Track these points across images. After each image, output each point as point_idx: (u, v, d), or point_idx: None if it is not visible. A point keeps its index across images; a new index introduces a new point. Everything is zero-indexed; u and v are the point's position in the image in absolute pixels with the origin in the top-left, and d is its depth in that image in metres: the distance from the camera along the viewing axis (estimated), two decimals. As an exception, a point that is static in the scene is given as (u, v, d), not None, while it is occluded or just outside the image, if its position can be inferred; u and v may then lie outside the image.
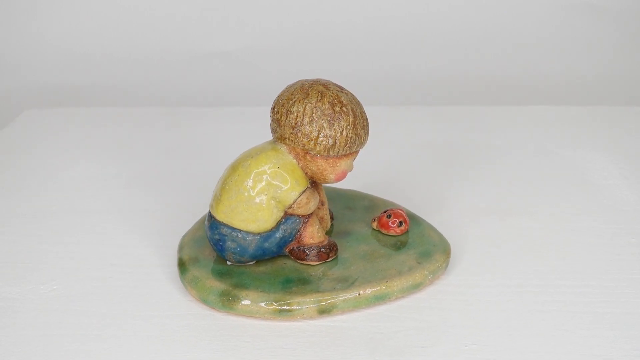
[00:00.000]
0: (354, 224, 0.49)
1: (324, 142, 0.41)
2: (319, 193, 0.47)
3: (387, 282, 0.43)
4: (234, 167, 0.43)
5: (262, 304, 0.41)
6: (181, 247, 0.47)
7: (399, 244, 0.47)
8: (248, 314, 0.42)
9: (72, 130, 0.73)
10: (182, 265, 0.45)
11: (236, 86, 0.86)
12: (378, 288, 0.43)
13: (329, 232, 0.48)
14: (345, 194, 0.53)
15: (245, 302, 0.42)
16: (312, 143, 0.42)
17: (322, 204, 0.47)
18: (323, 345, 0.40)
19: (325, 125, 0.41)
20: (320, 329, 0.41)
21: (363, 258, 0.45)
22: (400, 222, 0.47)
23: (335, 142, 0.42)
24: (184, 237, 0.48)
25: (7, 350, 0.39)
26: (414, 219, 0.49)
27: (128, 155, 0.66)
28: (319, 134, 0.41)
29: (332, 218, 0.49)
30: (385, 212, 0.48)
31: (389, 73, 0.91)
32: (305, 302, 0.41)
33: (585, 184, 0.58)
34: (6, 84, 0.89)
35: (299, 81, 0.44)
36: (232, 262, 0.45)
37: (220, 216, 0.43)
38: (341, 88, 0.43)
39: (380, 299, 0.43)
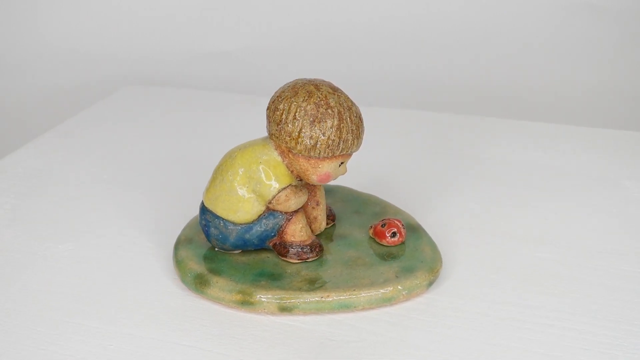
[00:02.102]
0: (354, 228, 0.49)
1: (304, 142, 0.42)
2: (315, 193, 0.47)
3: (354, 291, 0.42)
4: (224, 157, 0.45)
5: (228, 293, 0.42)
6: (185, 227, 0.49)
7: (388, 255, 0.45)
8: (216, 299, 0.43)
9: (160, 108, 0.78)
10: (176, 245, 0.47)
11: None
12: (344, 295, 0.42)
13: (325, 233, 0.48)
14: (360, 198, 0.53)
15: (214, 288, 0.43)
16: (293, 142, 0.42)
17: (317, 204, 0.47)
18: (272, 342, 0.40)
19: (306, 125, 0.41)
20: (278, 325, 0.41)
21: (345, 263, 0.45)
22: (394, 233, 0.46)
23: (316, 143, 0.41)
24: (193, 218, 0.51)
25: (5, 297, 0.44)
26: (416, 231, 0.48)
27: (187, 136, 0.70)
28: (300, 133, 0.41)
29: (333, 219, 0.49)
30: (382, 220, 0.47)
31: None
32: (267, 297, 0.42)
33: (626, 220, 0.53)
34: (115, 62, 0.96)
35: (296, 79, 0.44)
36: (218, 248, 0.46)
37: (207, 202, 0.45)
38: (335, 90, 0.43)
39: (345, 306, 0.42)
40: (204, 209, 0.45)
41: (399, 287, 0.43)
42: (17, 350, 0.39)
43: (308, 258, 0.45)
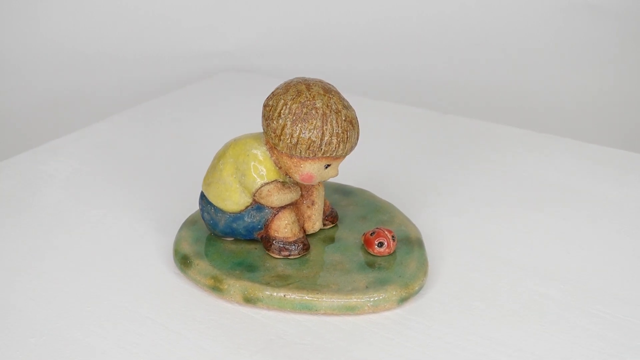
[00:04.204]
0: (352, 233, 0.48)
1: (286, 140, 0.42)
2: (311, 192, 0.47)
3: (318, 294, 0.42)
4: (223, 146, 0.46)
5: (203, 276, 0.44)
6: (196, 211, 0.52)
7: (372, 264, 0.45)
8: (194, 281, 0.45)
9: (251, 95, 0.81)
10: (182, 225, 0.50)
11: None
12: (307, 297, 0.42)
13: (322, 233, 0.48)
14: (374, 204, 0.52)
15: (194, 270, 0.45)
16: (277, 139, 0.42)
17: (313, 204, 0.47)
18: (227, 329, 0.41)
19: (289, 123, 0.42)
20: (240, 315, 0.42)
21: (324, 266, 0.45)
22: (381, 243, 0.45)
23: (297, 143, 0.42)
24: (211, 202, 0.53)
25: (33, 251, 0.49)
26: (410, 244, 0.46)
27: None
28: (282, 130, 0.42)
29: (332, 221, 0.49)
30: (374, 229, 0.46)
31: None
32: (234, 286, 0.43)
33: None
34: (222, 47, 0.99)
35: (295, 78, 0.44)
36: (212, 233, 0.48)
37: (203, 187, 0.47)
38: (328, 92, 0.43)
39: (306, 308, 0.42)
40: (202, 193, 0.47)
41: (365, 298, 0.42)
42: (10, 298, 0.44)
43: (289, 255, 0.45)
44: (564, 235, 0.50)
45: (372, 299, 0.42)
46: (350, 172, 0.55)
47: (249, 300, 0.43)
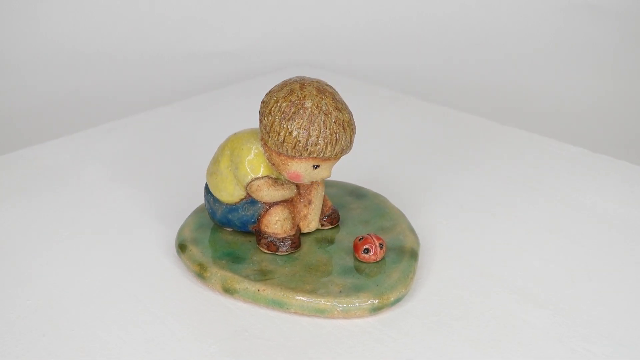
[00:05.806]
0: (349, 236, 0.48)
1: (273, 137, 0.42)
2: (309, 192, 0.47)
3: (290, 293, 0.42)
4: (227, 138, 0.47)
5: (192, 263, 0.46)
6: (210, 199, 0.53)
7: (359, 269, 0.44)
8: (186, 267, 0.46)
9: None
10: (191, 214, 0.51)
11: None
12: (279, 294, 0.42)
13: (320, 233, 0.48)
14: (383, 210, 0.51)
15: (186, 255, 0.46)
16: (266, 135, 0.43)
17: (309, 203, 0.47)
18: (201, 316, 0.42)
19: (277, 121, 0.42)
20: (218, 304, 0.43)
21: (307, 266, 0.45)
22: (366, 249, 0.44)
23: (283, 141, 0.42)
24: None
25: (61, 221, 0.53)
26: (402, 254, 0.45)
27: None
28: (271, 127, 0.42)
29: (331, 222, 0.48)
30: (365, 234, 0.45)
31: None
32: (216, 275, 0.44)
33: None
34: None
35: (295, 77, 0.44)
36: (213, 221, 0.49)
37: (206, 176, 0.48)
38: (322, 92, 0.42)
39: (277, 304, 0.42)
40: (206, 183, 0.49)
41: (335, 303, 0.41)
42: (21, 264, 0.48)
43: (277, 251, 0.46)
44: (573, 262, 0.47)
45: (342, 305, 0.41)
46: (360, 172, 0.55)
47: (227, 290, 0.44)
